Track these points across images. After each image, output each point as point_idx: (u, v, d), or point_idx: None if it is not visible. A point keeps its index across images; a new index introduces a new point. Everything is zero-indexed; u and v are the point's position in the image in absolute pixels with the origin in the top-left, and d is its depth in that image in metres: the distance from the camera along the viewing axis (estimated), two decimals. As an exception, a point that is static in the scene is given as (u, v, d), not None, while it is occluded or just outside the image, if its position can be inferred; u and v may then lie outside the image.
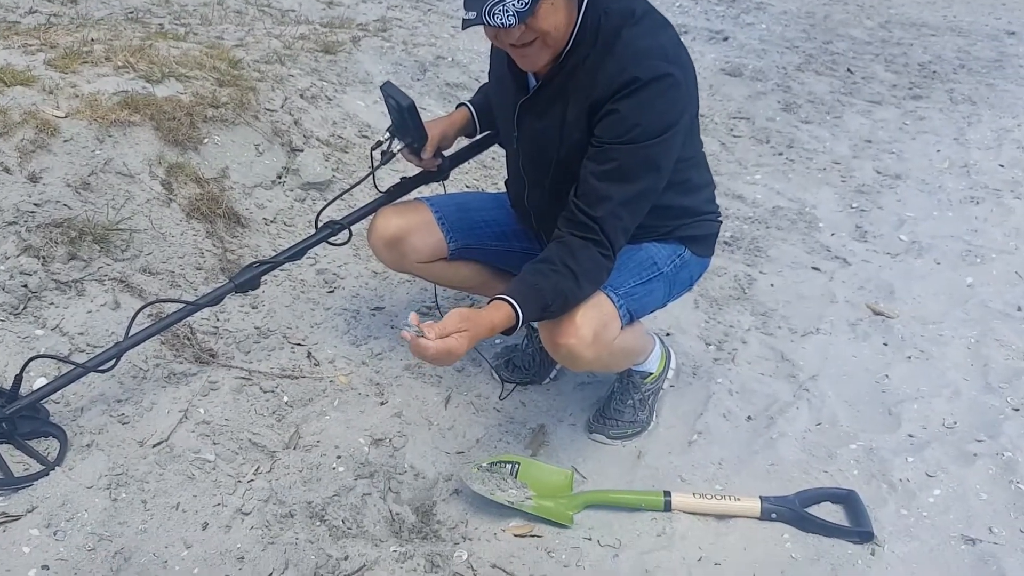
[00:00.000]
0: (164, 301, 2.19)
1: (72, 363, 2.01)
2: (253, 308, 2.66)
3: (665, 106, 1.83)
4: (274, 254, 2.34)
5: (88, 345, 2.26)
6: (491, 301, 1.81)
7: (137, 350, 2.17)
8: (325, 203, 2.33)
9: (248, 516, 1.93)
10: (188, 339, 2.42)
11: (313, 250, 2.37)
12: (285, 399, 2.29)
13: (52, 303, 2.35)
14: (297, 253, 2.29)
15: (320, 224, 2.32)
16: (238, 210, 3.00)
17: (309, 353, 2.51)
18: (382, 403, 2.38)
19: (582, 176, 1.91)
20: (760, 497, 2.10)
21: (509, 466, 2.14)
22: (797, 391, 2.62)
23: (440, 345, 1.66)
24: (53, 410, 2.08)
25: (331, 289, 2.86)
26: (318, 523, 1.95)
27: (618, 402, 2.37)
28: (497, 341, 2.75)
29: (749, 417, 2.49)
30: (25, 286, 2.34)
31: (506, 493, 2.08)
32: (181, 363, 2.34)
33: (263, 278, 2.29)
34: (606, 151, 1.86)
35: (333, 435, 2.21)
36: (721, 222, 2.32)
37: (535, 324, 2.30)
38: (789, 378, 2.69)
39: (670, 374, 2.52)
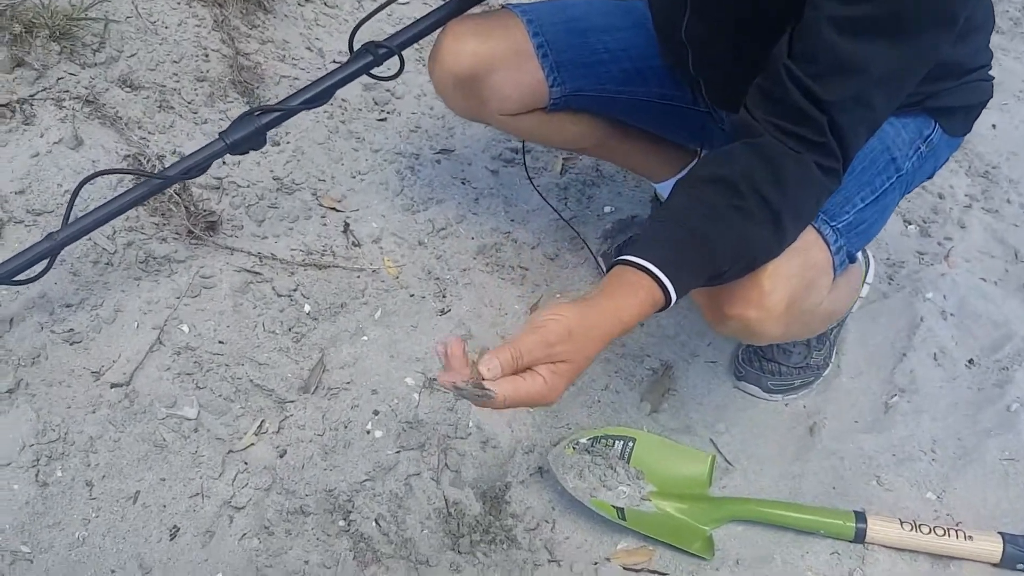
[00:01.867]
0: (118, 172, 1.45)
1: (-27, 274, 1.32)
2: (274, 145, 1.89)
3: None
4: (284, 96, 1.53)
5: (28, 213, 1.56)
6: (615, 267, 1.02)
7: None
8: (366, 14, 1.49)
9: (240, 514, 1.32)
10: (179, 197, 1.69)
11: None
12: (307, 308, 1.59)
13: (-19, 140, 1.64)
14: (320, 95, 1.50)
15: (356, 46, 1.49)
16: (259, -13, 2.14)
17: (346, 225, 1.77)
18: (443, 311, 1.67)
19: (809, 20, 1.04)
20: (1002, 534, 1.39)
21: (619, 443, 1.46)
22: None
23: (516, 395, 0.90)
24: (-31, 321, 1.43)
25: (383, 115, 2.05)
26: (339, 529, 1.33)
27: (783, 336, 1.60)
28: (607, 210, 1.96)
29: (971, 361, 1.72)
30: (-59, 115, 1.62)
31: (614, 492, 1.41)
32: (164, 240, 1.63)
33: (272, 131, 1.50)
34: None
35: (371, 370, 1.53)
36: (993, 79, 1.41)
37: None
38: (1025, 294, 1.87)
39: (864, 291, 1.73)
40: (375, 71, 1.52)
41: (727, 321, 1.20)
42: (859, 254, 1.57)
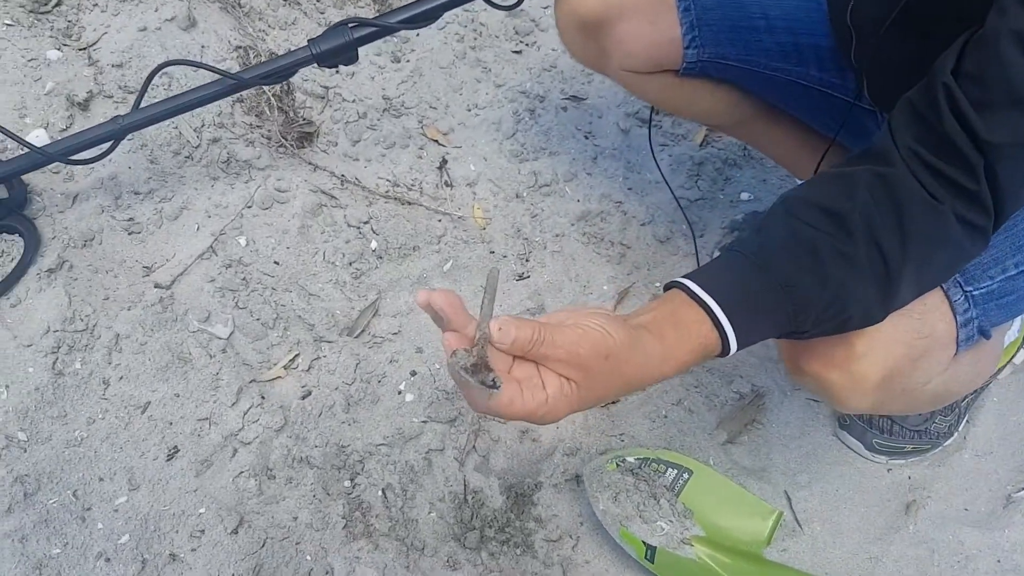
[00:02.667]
0: (191, 64, 1.35)
1: (28, 145, 1.27)
2: (393, 62, 1.76)
3: None
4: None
5: (120, 89, 1.51)
6: (671, 289, 0.82)
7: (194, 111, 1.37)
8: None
9: (244, 449, 1.23)
10: (279, 100, 1.60)
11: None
12: (373, 245, 1.47)
13: (96, 3, 1.59)
14: (424, 15, 1.33)
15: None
16: None
17: (443, 162, 1.63)
18: (520, 276, 1.51)
19: (989, 31, 0.78)
20: None
21: (672, 472, 1.26)
22: None
23: (509, 408, 0.72)
24: (35, 184, 1.40)
25: (519, 47, 1.87)
26: (342, 490, 1.22)
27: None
28: (743, 196, 1.72)
29: None
30: (63, -27, 1.59)
31: (650, 526, 1.22)
32: (251, 143, 1.55)
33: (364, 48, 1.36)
34: None
35: (422, 326, 1.40)
36: None
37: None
38: None
39: (1019, 356, 1.42)
40: (494, -3, 1.35)
41: (803, 377, 0.97)
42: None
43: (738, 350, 0.80)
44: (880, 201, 0.80)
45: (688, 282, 0.80)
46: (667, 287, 0.83)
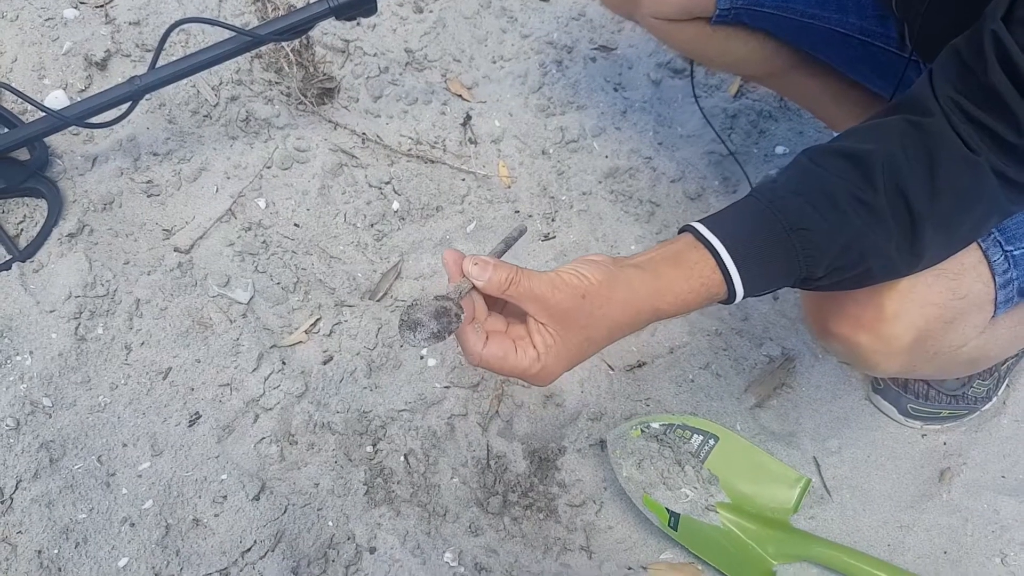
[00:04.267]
0: (203, 22, 1.32)
1: (46, 109, 1.25)
2: (416, 12, 1.71)
3: None
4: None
5: (137, 47, 1.49)
6: (682, 233, 0.79)
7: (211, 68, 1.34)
8: None
9: (266, 415, 1.23)
10: (298, 55, 1.56)
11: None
12: (395, 206, 1.44)
13: (113, -39, 1.56)
14: (445, -33, 1.28)
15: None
16: None
17: (468, 118, 1.59)
18: (546, 237, 1.47)
19: None
20: None
21: (698, 438, 1.24)
22: None
23: (501, 362, 0.74)
24: (56, 146, 1.39)
25: (547, -4, 1.80)
26: (364, 456, 1.22)
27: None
28: (779, 150, 1.66)
29: None
30: (78, -72, 1.55)
31: (674, 493, 1.21)
32: (270, 101, 1.52)
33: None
34: None
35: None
36: None
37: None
38: None
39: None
40: (516, -54, 1.29)
41: (830, 339, 0.93)
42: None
43: (746, 296, 0.78)
44: (911, 150, 0.77)
45: (697, 224, 0.79)
46: (680, 231, 0.81)
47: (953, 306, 0.88)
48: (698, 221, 0.79)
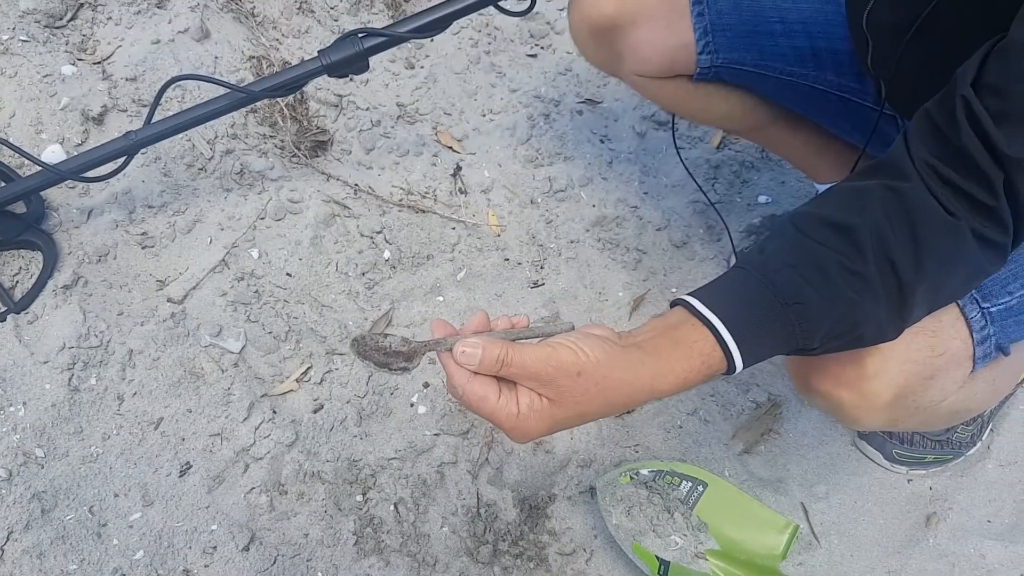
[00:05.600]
0: (199, 79, 1.36)
1: (42, 164, 1.28)
2: (408, 68, 1.75)
3: None
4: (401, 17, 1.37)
5: (134, 103, 1.52)
6: (674, 307, 0.81)
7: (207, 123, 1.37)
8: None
9: (255, 465, 1.24)
10: (292, 110, 1.60)
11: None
12: (387, 255, 1.47)
13: (110, 17, 1.60)
14: (434, 23, 1.33)
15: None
16: None
17: (458, 168, 1.62)
18: (535, 284, 1.50)
19: (1014, 41, 0.75)
20: None
21: (687, 485, 1.25)
22: None
23: (483, 405, 0.74)
24: (52, 199, 1.42)
25: (534, 51, 1.86)
26: (354, 505, 1.22)
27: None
28: (761, 199, 1.69)
29: None
30: (78, -13, 1.60)
31: (664, 540, 1.21)
32: (264, 154, 1.55)
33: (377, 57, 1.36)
34: None
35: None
36: None
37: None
38: None
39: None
40: (504, 4, 1.34)
41: (812, 395, 0.95)
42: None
43: (745, 368, 0.78)
44: (893, 217, 0.78)
45: (692, 300, 0.79)
46: (672, 304, 0.82)
47: (932, 363, 0.90)
48: (691, 295, 0.79)
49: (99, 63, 1.55)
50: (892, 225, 0.78)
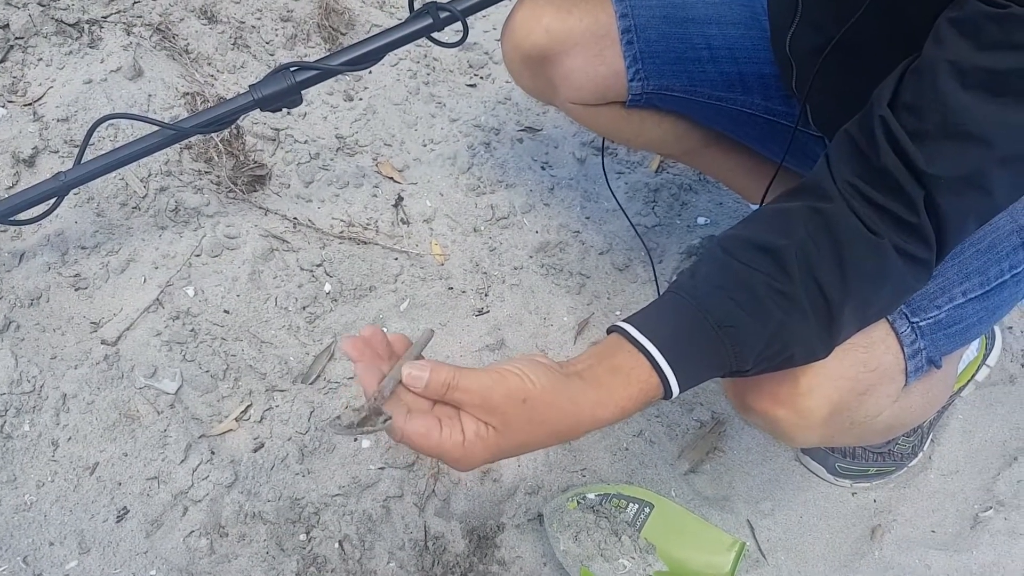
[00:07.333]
0: (127, 117, 1.34)
1: (-32, 208, 1.26)
2: (346, 100, 1.75)
3: None
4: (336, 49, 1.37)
5: (65, 144, 1.50)
6: (611, 334, 0.81)
7: (140, 160, 1.35)
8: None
9: (194, 508, 1.21)
10: (229, 145, 1.59)
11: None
12: (327, 288, 1.46)
13: (40, 58, 1.58)
14: (367, 56, 1.33)
15: (416, 6, 1.32)
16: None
17: (399, 199, 1.62)
18: (480, 312, 1.50)
19: (927, 61, 0.77)
20: None
21: (633, 507, 1.25)
22: None
23: (424, 441, 0.72)
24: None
25: (473, 81, 1.87)
26: (297, 544, 1.20)
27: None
28: (700, 221, 1.71)
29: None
30: (6, 27, 1.58)
31: (612, 564, 1.21)
32: (200, 190, 1.54)
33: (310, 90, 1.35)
34: (1007, 23, 0.70)
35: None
36: None
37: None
38: None
39: (983, 374, 1.42)
40: (436, 35, 1.34)
41: (749, 413, 0.96)
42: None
43: (681, 392, 0.79)
44: (818, 237, 0.80)
45: (627, 327, 0.80)
46: (609, 331, 0.82)
47: (865, 378, 0.91)
48: (626, 322, 0.79)
49: (30, 104, 1.53)
50: (817, 246, 0.80)
